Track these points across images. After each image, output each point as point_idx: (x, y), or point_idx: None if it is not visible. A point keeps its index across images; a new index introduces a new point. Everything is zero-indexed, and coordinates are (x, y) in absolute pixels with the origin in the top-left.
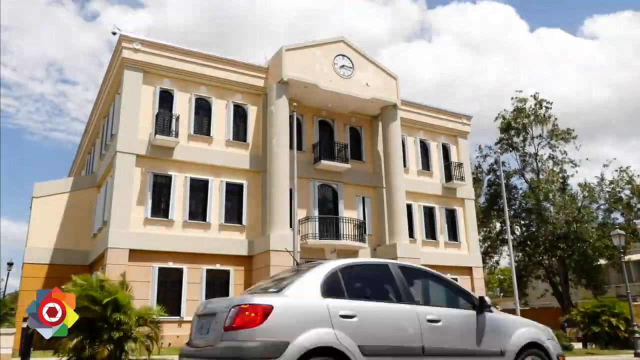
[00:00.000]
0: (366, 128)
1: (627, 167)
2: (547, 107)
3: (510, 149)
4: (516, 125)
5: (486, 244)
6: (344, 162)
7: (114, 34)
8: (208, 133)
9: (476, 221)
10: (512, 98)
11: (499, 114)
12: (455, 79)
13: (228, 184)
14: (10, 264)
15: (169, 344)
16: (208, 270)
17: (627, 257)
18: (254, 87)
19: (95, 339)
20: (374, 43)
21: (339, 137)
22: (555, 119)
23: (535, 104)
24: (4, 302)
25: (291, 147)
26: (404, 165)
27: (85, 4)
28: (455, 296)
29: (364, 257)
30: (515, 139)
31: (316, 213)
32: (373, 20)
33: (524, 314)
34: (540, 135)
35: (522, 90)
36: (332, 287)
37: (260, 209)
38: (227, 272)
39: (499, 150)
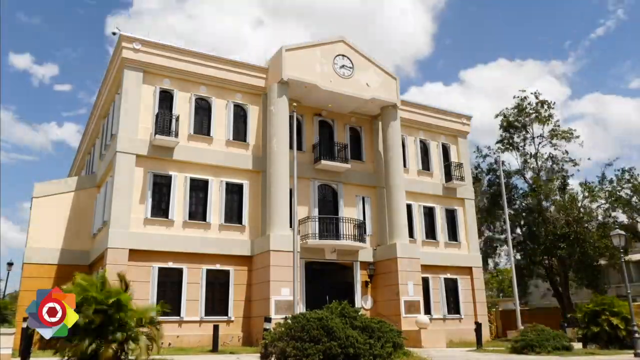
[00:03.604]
0: (366, 128)
1: (631, 168)
2: (549, 107)
3: (511, 148)
4: (517, 125)
5: (486, 244)
6: (344, 162)
7: (114, 34)
8: (208, 133)
9: (476, 221)
10: (514, 97)
11: (500, 112)
12: None
13: (228, 184)
14: (10, 264)
15: (169, 344)
16: (208, 271)
17: (627, 257)
18: (254, 87)
19: (100, 340)
20: None
21: (339, 137)
22: (557, 120)
23: (537, 103)
24: (5, 303)
25: (291, 147)
26: (404, 165)
27: None
28: None
29: (365, 256)
30: (515, 139)
31: (316, 213)
32: None
33: (523, 313)
34: (541, 135)
35: (525, 90)
36: None
37: (260, 209)
38: (227, 272)
39: (500, 149)
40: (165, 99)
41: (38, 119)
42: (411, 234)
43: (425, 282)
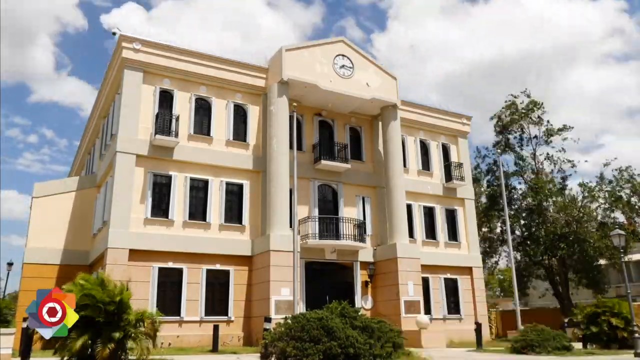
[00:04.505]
0: (366, 128)
1: (628, 167)
2: (538, 108)
3: (508, 149)
4: (512, 128)
5: (486, 244)
6: (344, 162)
7: (114, 34)
8: (208, 133)
9: (476, 221)
10: (505, 102)
11: (494, 115)
12: None
13: (228, 184)
14: (10, 264)
15: (169, 344)
16: (208, 270)
17: (627, 257)
18: (254, 87)
19: (97, 338)
20: None
21: (339, 137)
22: (547, 121)
23: (529, 103)
24: (5, 303)
25: (291, 147)
26: (404, 165)
27: None
28: None
29: (365, 256)
30: (512, 140)
31: (316, 213)
32: None
33: (523, 313)
34: (536, 137)
35: (518, 96)
36: None
37: (260, 209)
38: (227, 272)
39: (498, 151)
40: (165, 99)
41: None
42: (411, 234)
43: (425, 282)
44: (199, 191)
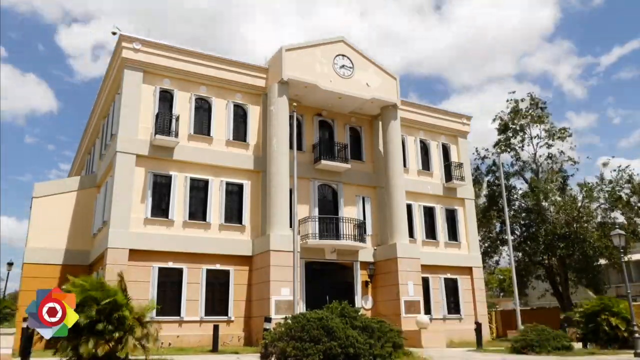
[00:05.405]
0: (366, 128)
1: (627, 167)
2: (542, 108)
3: (509, 149)
4: (513, 127)
5: (486, 244)
6: (344, 162)
7: (114, 34)
8: (208, 133)
9: (476, 221)
10: (507, 100)
11: (496, 116)
12: None
13: (228, 184)
14: (10, 264)
15: (169, 344)
16: (208, 270)
17: (627, 257)
18: (254, 87)
19: (95, 338)
20: None
21: (339, 137)
22: (552, 119)
23: (531, 104)
24: (6, 303)
25: (291, 147)
26: (404, 165)
27: None
28: None
29: (365, 256)
30: (513, 140)
31: (316, 213)
32: None
33: (523, 313)
34: (537, 136)
35: (516, 91)
36: None
37: (261, 209)
38: (227, 272)
39: (498, 152)
40: (165, 99)
41: None
42: (411, 234)
43: (425, 282)
44: (199, 191)
